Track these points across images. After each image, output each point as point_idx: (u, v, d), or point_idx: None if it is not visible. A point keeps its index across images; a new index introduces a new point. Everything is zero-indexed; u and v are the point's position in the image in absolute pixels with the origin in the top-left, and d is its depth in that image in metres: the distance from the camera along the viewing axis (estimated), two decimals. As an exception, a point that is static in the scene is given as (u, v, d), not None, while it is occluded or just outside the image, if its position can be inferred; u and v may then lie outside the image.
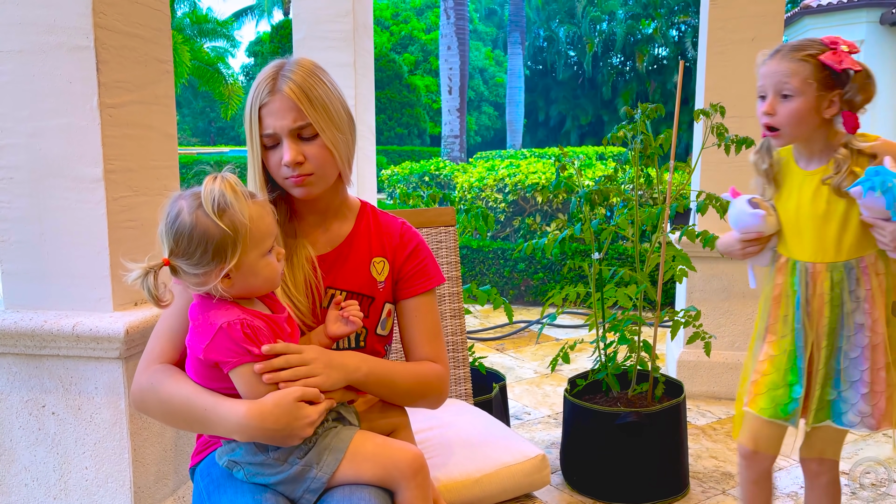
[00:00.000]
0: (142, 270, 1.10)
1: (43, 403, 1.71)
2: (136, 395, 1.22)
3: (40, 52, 1.64)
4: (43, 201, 1.68)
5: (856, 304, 1.63)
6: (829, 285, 1.64)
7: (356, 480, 1.14)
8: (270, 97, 1.22)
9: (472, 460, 1.45)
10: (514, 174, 5.87)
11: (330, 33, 3.43)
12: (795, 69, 1.56)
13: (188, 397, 1.15)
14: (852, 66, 1.54)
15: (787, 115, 1.58)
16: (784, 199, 1.71)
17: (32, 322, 1.64)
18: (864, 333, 1.63)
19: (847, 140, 1.59)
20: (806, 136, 1.62)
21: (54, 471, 1.73)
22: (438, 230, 1.92)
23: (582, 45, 29.31)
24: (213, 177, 1.10)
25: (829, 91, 1.56)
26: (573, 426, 2.50)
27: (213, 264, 1.09)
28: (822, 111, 1.58)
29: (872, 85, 1.59)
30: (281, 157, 1.24)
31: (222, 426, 1.12)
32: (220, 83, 17.79)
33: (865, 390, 1.63)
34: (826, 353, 1.66)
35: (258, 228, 1.12)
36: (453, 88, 14.00)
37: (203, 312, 1.12)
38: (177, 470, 1.86)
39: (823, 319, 1.65)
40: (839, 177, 1.58)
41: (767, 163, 1.72)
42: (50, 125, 1.65)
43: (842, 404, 1.66)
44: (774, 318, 1.73)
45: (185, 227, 1.08)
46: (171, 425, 1.32)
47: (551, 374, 3.69)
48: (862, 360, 1.64)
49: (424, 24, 28.04)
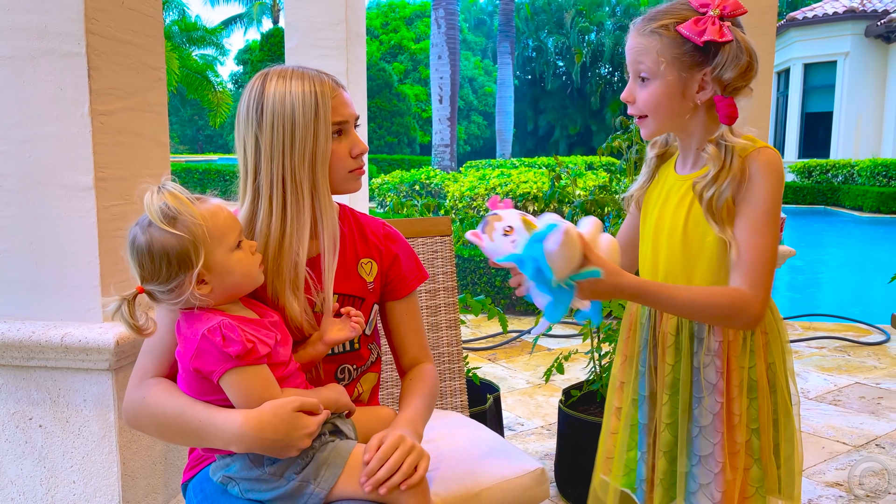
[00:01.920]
0: (118, 302, 1.09)
1: (30, 416, 1.67)
2: (130, 412, 1.19)
3: (31, 58, 1.61)
4: (32, 209, 1.65)
5: (708, 357, 1.29)
6: (675, 324, 1.31)
7: (355, 496, 1.12)
8: (337, 90, 1.23)
9: (471, 474, 1.42)
10: (506, 183, 5.87)
11: (323, 41, 3.42)
12: (648, 45, 1.24)
13: (182, 410, 1.12)
14: (717, 37, 1.19)
15: (645, 101, 1.27)
16: (650, 202, 1.40)
17: (20, 333, 1.60)
18: (716, 398, 1.27)
19: (720, 134, 1.23)
20: (678, 126, 1.30)
21: (41, 485, 1.69)
22: (434, 240, 1.90)
23: (570, 56, 29.51)
24: (151, 191, 1.09)
25: (695, 69, 1.23)
26: (568, 437, 2.48)
27: (181, 274, 1.08)
28: (693, 96, 1.25)
29: (746, 58, 1.23)
30: (347, 146, 1.25)
31: (219, 437, 1.10)
32: (209, 91, 17.76)
33: (717, 470, 1.28)
34: (669, 411, 1.32)
35: (215, 225, 1.10)
36: (444, 97, 14.03)
37: (188, 325, 1.11)
38: (166, 484, 1.83)
39: (665, 367, 1.32)
40: (706, 182, 1.23)
41: (656, 151, 1.42)
42: (40, 132, 1.62)
43: (692, 482, 1.31)
44: (626, 353, 1.45)
45: (142, 248, 1.08)
46: (167, 440, 1.28)
47: (544, 384, 3.67)
48: (713, 430, 1.29)
49: (414, 33, 28.13)
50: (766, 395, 1.30)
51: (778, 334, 1.33)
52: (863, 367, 4.11)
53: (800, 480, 1.37)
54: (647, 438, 1.37)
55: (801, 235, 11.19)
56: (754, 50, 1.24)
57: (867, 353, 4.39)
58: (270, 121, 1.19)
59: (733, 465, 1.28)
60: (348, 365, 1.33)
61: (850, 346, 4.55)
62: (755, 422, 1.29)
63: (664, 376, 1.32)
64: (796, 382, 1.38)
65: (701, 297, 1.22)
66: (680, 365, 1.30)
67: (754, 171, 1.21)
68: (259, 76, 1.24)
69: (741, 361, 1.28)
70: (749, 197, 1.22)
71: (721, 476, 1.28)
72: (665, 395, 1.32)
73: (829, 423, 3.23)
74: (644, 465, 1.37)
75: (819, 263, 9.19)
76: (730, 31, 1.21)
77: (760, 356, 1.29)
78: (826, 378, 3.90)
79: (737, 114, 1.24)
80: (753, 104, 1.49)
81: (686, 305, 1.22)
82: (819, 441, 3.02)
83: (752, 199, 1.22)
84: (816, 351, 4.46)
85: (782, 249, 2.04)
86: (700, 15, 1.22)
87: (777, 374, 1.32)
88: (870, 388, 3.73)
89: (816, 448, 2.94)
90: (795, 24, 18.77)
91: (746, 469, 1.29)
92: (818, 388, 3.74)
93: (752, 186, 1.22)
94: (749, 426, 1.28)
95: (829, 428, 3.17)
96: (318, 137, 1.20)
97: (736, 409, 1.28)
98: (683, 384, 1.31)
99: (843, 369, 4.06)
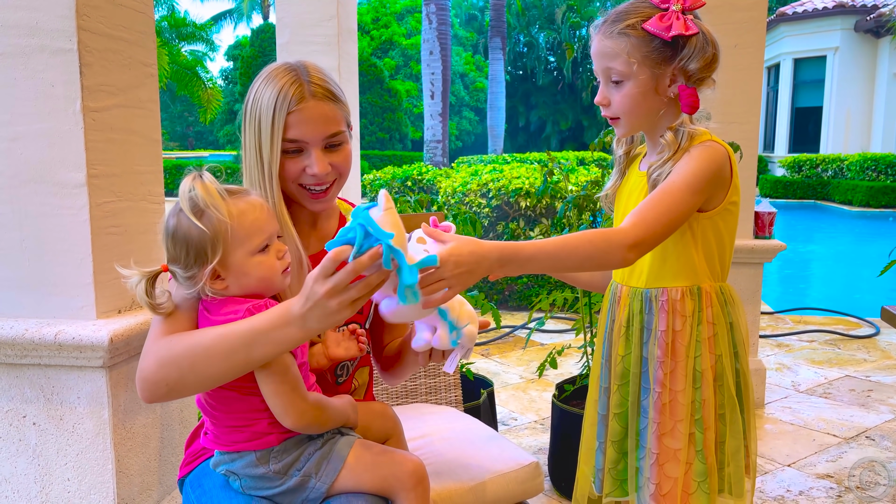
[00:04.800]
0: (138, 275, 1.09)
1: (24, 413, 1.67)
2: (151, 369, 1.10)
3: (22, 54, 1.60)
4: (24, 207, 1.64)
5: (651, 346, 1.30)
6: (627, 315, 1.33)
7: (356, 489, 1.12)
8: (302, 104, 1.18)
9: (466, 468, 1.43)
10: (498, 179, 5.87)
11: (314, 37, 3.41)
12: (617, 48, 1.25)
13: (223, 329, 1.06)
14: (684, 31, 1.22)
15: (620, 104, 1.28)
16: (618, 200, 1.42)
17: (13, 330, 1.60)
18: (655, 387, 1.29)
19: (680, 121, 1.26)
20: (651, 124, 1.31)
21: (35, 482, 1.69)
22: (427, 236, 1.90)
23: (562, 51, 29.51)
24: (191, 177, 1.09)
25: (666, 65, 1.25)
26: (561, 432, 2.50)
27: (196, 266, 1.08)
28: (665, 90, 1.26)
29: (712, 50, 1.25)
30: (301, 166, 1.21)
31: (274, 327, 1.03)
32: (199, 87, 17.66)
33: (652, 461, 1.29)
34: (619, 402, 1.33)
35: (240, 225, 1.09)
36: (435, 93, 14.01)
37: (215, 311, 1.11)
38: (161, 481, 1.83)
39: (617, 357, 1.34)
40: (655, 167, 1.24)
41: (623, 149, 1.43)
42: (31, 129, 1.62)
43: (640, 476, 1.32)
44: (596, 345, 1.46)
45: (169, 230, 1.09)
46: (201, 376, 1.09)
47: (537, 379, 3.69)
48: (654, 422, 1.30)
49: (405, 28, 28.06)
50: (711, 388, 1.29)
51: (729, 328, 1.32)
52: (853, 360, 4.14)
53: (752, 478, 1.35)
54: (604, 429, 1.38)
55: (791, 230, 11.25)
56: (717, 41, 1.26)
57: (857, 347, 4.42)
58: (245, 119, 1.22)
59: (676, 459, 1.27)
60: (347, 361, 1.34)
61: (841, 340, 4.59)
62: (699, 412, 1.28)
63: (615, 366, 1.34)
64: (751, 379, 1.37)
65: (571, 239, 1.15)
66: (630, 356, 1.32)
67: (690, 153, 1.23)
68: (264, 70, 1.24)
69: (688, 351, 1.28)
70: (673, 172, 1.22)
71: (654, 468, 1.28)
72: (615, 385, 1.33)
73: (820, 415, 3.26)
74: (602, 454, 1.38)
75: (809, 258, 9.25)
76: (694, 24, 1.23)
77: (706, 347, 1.29)
78: (817, 371, 3.93)
79: (698, 104, 1.26)
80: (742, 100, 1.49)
81: (557, 252, 1.14)
82: (810, 434, 3.04)
83: (673, 174, 1.22)
84: (807, 344, 4.49)
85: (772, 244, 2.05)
86: (663, 11, 1.23)
87: (724, 368, 1.31)
88: (860, 380, 3.76)
89: (807, 440, 2.96)
90: (785, 20, 18.84)
91: (689, 463, 1.28)
92: (809, 381, 3.77)
93: (679, 164, 1.23)
94: (693, 417, 1.28)
95: (820, 420, 3.19)
96: (264, 148, 1.19)
97: (682, 399, 1.28)
98: (634, 375, 1.31)
99: (834, 362, 4.09)
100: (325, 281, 0.98)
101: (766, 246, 3.17)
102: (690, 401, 1.28)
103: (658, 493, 1.28)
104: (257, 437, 1.14)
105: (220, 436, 1.17)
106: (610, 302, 1.40)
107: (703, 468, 1.28)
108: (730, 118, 2.98)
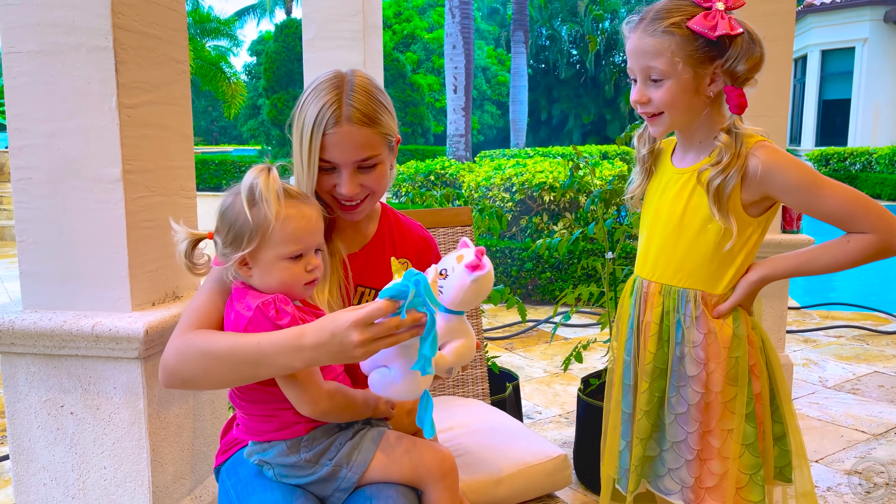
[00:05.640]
0: (185, 235, 1.16)
1: (62, 403, 1.71)
2: (170, 359, 1.15)
3: (59, 52, 1.63)
4: (61, 202, 1.68)
5: (689, 348, 1.30)
6: (660, 313, 1.32)
7: (386, 479, 1.14)
8: (337, 128, 1.20)
9: (494, 460, 1.44)
10: (522, 173, 5.86)
11: (340, 32, 3.42)
12: (659, 46, 1.23)
13: (235, 339, 1.10)
14: (729, 30, 1.20)
15: (660, 102, 1.27)
16: (649, 197, 1.41)
17: (52, 322, 1.64)
18: (694, 388, 1.29)
19: (731, 123, 1.26)
20: (690, 122, 1.31)
21: (73, 470, 1.73)
22: (455, 230, 1.92)
23: (584, 44, 29.30)
24: (260, 168, 1.13)
25: (708, 64, 1.24)
26: (587, 426, 2.50)
27: (231, 248, 1.13)
28: (706, 89, 1.26)
29: (759, 50, 1.24)
30: (335, 183, 1.25)
31: (278, 353, 1.05)
32: (223, 82, 17.77)
33: (691, 457, 1.30)
34: (647, 399, 1.34)
35: (281, 229, 1.12)
36: (458, 87, 13.99)
37: (240, 300, 1.15)
38: (194, 470, 1.86)
39: (647, 355, 1.34)
40: (716, 170, 1.25)
41: (647, 148, 1.41)
42: (68, 126, 1.65)
43: (660, 466, 1.35)
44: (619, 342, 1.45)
45: (223, 206, 1.15)
46: (211, 379, 1.15)
47: (561, 373, 3.69)
48: (688, 419, 1.30)
49: (427, 22, 28.02)
50: (759, 382, 1.31)
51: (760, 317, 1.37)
52: (881, 355, 4.09)
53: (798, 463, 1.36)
54: (630, 427, 1.38)
55: (820, 224, 11.07)
56: (762, 40, 1.26)
57: (886, 342, 4.37)
58: (293, 124, 1.26)
59: (720, 456, 1.28)
60: None
61: (869, 335, 4.53)
62: (747, 407, 1.29)
63: (644, 364, 1.34)
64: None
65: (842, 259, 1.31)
66: (661, 353, 1.32)
67: (768, 167, 1.25)
68: (317, 78, 1.26)
69: (731, 351, 1.28)
70: (787, 184, 1.26)
71: (694, 463, 1.30)
72: (644, 383, 1.34)
73: (848, 411, 3.22)
74: (628, 453, 1.39)
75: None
76: (739, 24, 1.22)
77: (752, 343, 1.31)
78: (844, 367, 3.89)
79: (746, 103, 1.26)
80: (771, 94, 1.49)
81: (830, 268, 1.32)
82: (838, 430, 3.01)
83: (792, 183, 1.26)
84: (835, 340, 4.44)
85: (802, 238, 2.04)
86: (706, 10, 1.22)
87: (769, 355, 1.33)
88: (889, 376, 3.72)
89: (835, 437, 2.94)
90: (813, 10, 18.53)
91: (735, 458, 1.29)
92: (837, 376, 3.73)
93: (778, 177, 1.25)
94: (735, 413, 1.28)
95: (848, 416, 3.16)
96: (303, 160, 1.23)
97: (723, 397, 1.28)
98: (663, 373, 1.32)
99: (862, 358, 4.04)
100: (365, 329, 0.99)
101: (794, 240, 3.14)
102: (732, 398, 1.28)
103: (698, 486, 1.30)
104: (285, 427, 1.17)
105: (251, 426, 1.20)
106: (634, 298, 1.39)
107: (755, 461, 1.29)
108: (757, 111, 2.93)
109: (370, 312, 0.99)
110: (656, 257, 1.35)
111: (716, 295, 1.30)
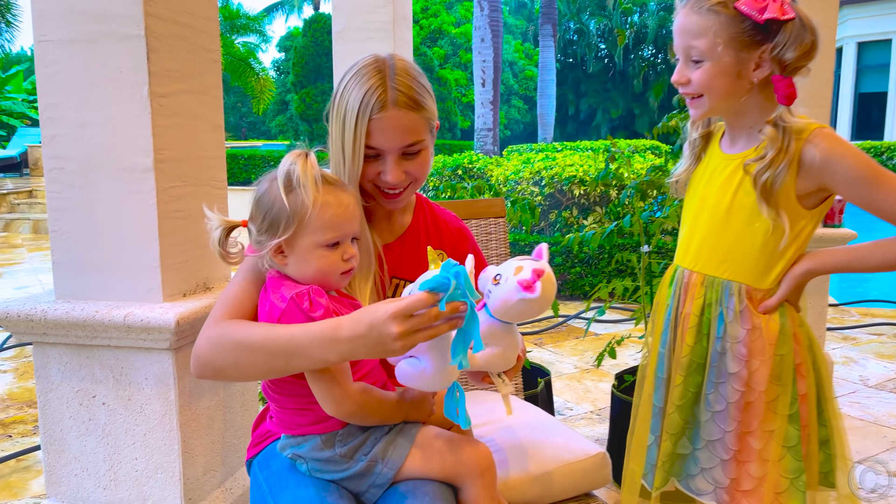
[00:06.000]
0: (219, 223, 1.13)
1: (93, 393, 1.71)
2: (203, 349, 1.12)
3: (91, 41, 1.62)
4: (93, 192, 1.67)
5: (731, 343, 1.24)
6: (701, 305, 1.26)
7: (422, 476, 1.11)
8: (383, 112, 1.16)
9: (531, 458, 1.40)
10: (551, 167, 5.79)
11: (370, 24, 3.40)
12: (703, 25, 1.18)
13: (270, 330, 1.06)
14: (779, 14, 1.15)
15: (699, 83, 1.22)
16: (694, 184, 1.35)
17: (84, 312, 1.63)
18: (734, 385, 1.23)
19: (778, 115, 1.19)
20: (734, 107, 1.25)
21: (104, 461, 1.72)
22: (488, 221, 1.88)
23: (613, 38, 29.00)
24: (297, 153, 1.11)
25: (753, 48, 1.18)
26: (621, 423, 2.45)
27: (266, 235, 1.10)
28: (749, 75, 1.20)
29: (810, 37, 1.18)
30: (379, 170, 1.21)
31: (312, 345, 1.01)
32: (252, 78, 17.91)
33: (727, 457, 1.25)
34: (681, 393, 1.28)
35: (318, 216, 1.09)
36: (486, 81, 13.91)
37: (275, 290, 1.12)
38: (224, 462, 1.85)
39: (684, 347, 1.28)
40: (762, 164, 1.19)
41: (699, 131, 1.36)
42: (100, 115, 1.64)
43: (693, 465, 1.29)
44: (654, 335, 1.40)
45: (259, 193, 1.12)
46: (243, 370, 1.12)
47: (592, 369, 3.64)
48: (726, 417, 1.24)
49: (454, 17, 27.94)
50: (806, 382, 1.25)
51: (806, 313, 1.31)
52: (924, 354, 3.97)
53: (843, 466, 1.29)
54: (661, 422, 1.34)
55: (858, 219, 10.84)
56: (816, 28, 1.19)
57: (929, 340, 4.24)
58: (333, 110, 1.22)
59: (760, 458, 1.23)
60: None
61: (911, 333, 4.40)
62: (791, 408, 1.23)
63: (680, 357, 1.29)
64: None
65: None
66: (699, 347, 1.26)
67: (828, 156, 1.18)
68: (356, 63, 1.23)
69: (779, 349, 1.23)
70: (846, 176, 1.19)
71: (731, 464, 1.24)
72: (679, 377, 1.29)
73: (891, 411, 3.13)
74: (656, 448, 1.34)
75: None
76: (791, 8, 1.16)
77: (798, 340, 1.25)
78: (886, 365, 3.78)
79: (796, 94, 1.20)
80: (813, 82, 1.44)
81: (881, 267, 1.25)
82: (881, 430, 2.92)
83: (850, 175, 1.18)
84: (875, 338, 4.32)
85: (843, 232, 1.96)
86: None
87: (816, 354, 1.27)
88: (933, 375, 3.60)
89: (878, 437, 2.85)
90: (849, 2, 18.13)
91: (776, 461, 1.23)
92: (878, 375, 3.62)
93: (837, 168, 1.18)
94: (778, 413, 1.23)
95: (891, 416, 3.07)
96: (346, 147, 1.19)
97: (766, 397, 1.22)
98: (700, 367, 1.26)
99: (904, 356, 3.93)
100: (404, 321, 0.95)
101: (836, 234, 3.05)
102: (775, 397, 1.23)
103: (734, 489, 1.24)
104: (321, 421, 1.14)
105: (285, 419, 1.17)
106: (673, 288, 1.34)
107: (797, 465, 1.23)
108: (800, 101, 2.87)
109: (410, 304, 0.95)
110: (700, 246, 1.30)
111: (762, 290, 1.24)
